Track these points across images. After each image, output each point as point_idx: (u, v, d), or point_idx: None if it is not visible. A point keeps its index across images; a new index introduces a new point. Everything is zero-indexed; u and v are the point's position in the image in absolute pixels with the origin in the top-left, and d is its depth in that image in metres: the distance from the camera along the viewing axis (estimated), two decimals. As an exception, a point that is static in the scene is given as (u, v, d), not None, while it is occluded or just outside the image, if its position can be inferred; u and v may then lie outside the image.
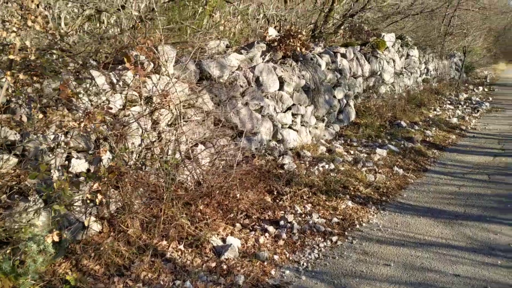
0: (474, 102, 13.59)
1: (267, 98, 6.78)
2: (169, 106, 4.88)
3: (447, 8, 20.09)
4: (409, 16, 14.97)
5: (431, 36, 15.93)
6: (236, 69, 6.36)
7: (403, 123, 9.25)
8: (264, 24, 8.41)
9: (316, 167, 6.48)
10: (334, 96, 8.60)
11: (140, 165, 4.63)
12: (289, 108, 7.17)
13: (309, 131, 7.73)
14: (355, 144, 7.85)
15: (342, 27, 10.08)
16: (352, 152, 7.37)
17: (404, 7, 15.21)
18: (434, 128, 9.43)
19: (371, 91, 10.31)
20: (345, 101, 8.97)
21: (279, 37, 6.90)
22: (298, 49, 6.81)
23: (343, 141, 7.98)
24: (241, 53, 6.57)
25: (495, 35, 37.23)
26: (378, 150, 7.30)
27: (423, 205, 5.45)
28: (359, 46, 10.31)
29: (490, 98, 14.86)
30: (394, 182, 6.18)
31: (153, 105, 4.82)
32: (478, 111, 12.27)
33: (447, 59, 19.01)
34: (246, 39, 7.37)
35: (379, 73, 10.75)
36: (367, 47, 10.72)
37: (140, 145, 4.65)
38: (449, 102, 13.37)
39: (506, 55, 39.76)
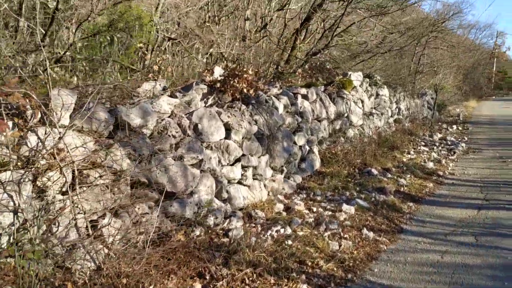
0: (449, 143, 12.79)
1: (210, 149, 5.65)
2: (60, 168, 3.68)
3: (416, 46, 19.91)
4: (377, 55, 14.45)
5: (401, 75, 15.35)
6: (169, 116, 5.26)
7: (374, 171, 8.22)
8: (213, 65, 7.41)
9: (270, 232, 5.30)
10: (295, 143, 7.55)
11: (11, 254, 3.37)
12: (238, 160, 6.05)
13: (264, 185, 6.59)
14: (319, 198, 6.72)
15: (302, 67, 9.18)
16: (314, 209, 6.23)
17: (372, 46, 14.70)
18: (408, 175, 8.43)
19: (337, 135, 9.33)
20: (307, 147, 7.93)
21: (223, 77, 5.86)
22: (245, 90, 5.76)
23: (305, 195, 6.85)
24: (176, 97, 5.48)
25: (464, 72, 37.73)
26: (345, 207, 6.18)
27: (399, 285, 4.28)
28: (323, 86, 9.41)
29: (466, 138, 14.14)
30: (363, 250, 5.02)
31: (37, 167, 3.62)
32: (454, 152, 11.42)
33: (419, 98, 18.48)
34: (186, 81, 6.31)
35: (346, 114, 9.83)
36: (332, 87, 9.86)
37: (13, 224, 3.41)
38: (423, 143, 12.53)
39: (476, 92, 40.20)
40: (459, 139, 13.86)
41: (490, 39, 52.03)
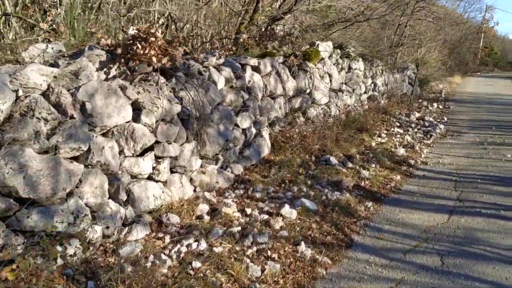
0: (427, 124, 11.61)
1: (107, 135, 4.32)
2: None
3: (400, 17, 18.50)
4: (354, 24, 13.04)
5: (380, 47, 13.99)
6: (44, 92, 3.88)
7: (333, 159, 6.99)
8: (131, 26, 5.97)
9: (179, 246, 4.08)
10: (237, 125, 6.25)
11: None
12: (150, 149, 4.74)
13: (190, 179, 5.31)
14: (258, 195, 5.49)
15: (248, 32, 7.74)
16: (248, 211, 5.00)
17: (350, 14, 13.27)
18: (373, 165, 7.23)
19: (296, 115, 8.04)
20: (254, 130, 6.63)
21: (128, 41, 4.45)
22: (154, 59, 4.38)
23: (242, 191, 5.60)
24: (57, 65, 4.08)
25: (450, 47, 36.48)
26: (286, 210, 4.96)
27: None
28: (281, 57, 8.04)
29: (445, 118, 12.98)
30: (292, 277, 3.82)
31: None
32: (431, 136, 10.25)
33: (399, 73, 17.20)
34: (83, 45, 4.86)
35: (308, 91, 8.52)
36: (295, 58, 8.48)
37: None
38: (398, 124, 11.34)
39: (461, 67, 39.11)
40: (438, 120, 12.71)
41: (479, 13, 50.66)
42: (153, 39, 4.22)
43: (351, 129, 9.14)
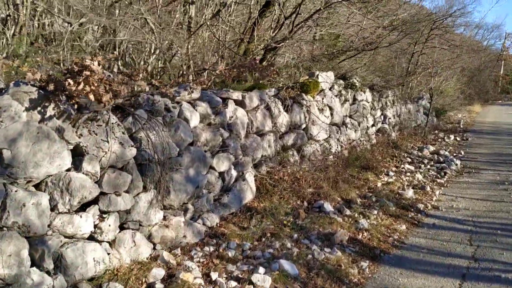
0: (441, 159, 10.62)
1: (38, 187, 3.59)
2: None
3: (414, 45, 17.78)
4: (362, 52, 12.34)
5: (389, 76, 13.17)
6: None
7: (328, 206, 6.10)
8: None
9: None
10: (213, 168, 5.45)
11: None
12: (94, 202, 3.97)
13: (149, 235, 4.50)
14: (230, 254, 4.62)
15: (223, 62, 7.02)
16: (214, 277, 4.13)
17: (358, 43, 12.62)
18: (375, 212, 6.30)
19: (289, 153, 7.21)
20: (234, 173, 5.82)
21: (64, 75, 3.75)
22: (91, 97, 3.65)
23: (213, 248, 4.75)
24: (-29, 105, 3.39)
25: (470, 75, 35.39)
26: (257, 277, 4.07)
27: None
28: (273, 89, 7.29)
29: (462, 152, 11.95)
30: None
31: None
32: (445, 173, 9.26)
33: (413, 103, 16.29)
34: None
35: (304, 126, 7.71)
36: (292, 90, 7.74)
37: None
38: (409, 160, 10.38)
39: (482, 96, 37.85)
40: (455, 154, 11.69)
41: (498, 40, 49.53)
42: (88, 73, 3.50)
43: (355, 167, 8.25)
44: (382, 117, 11.96)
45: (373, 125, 11.23)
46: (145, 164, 4.54)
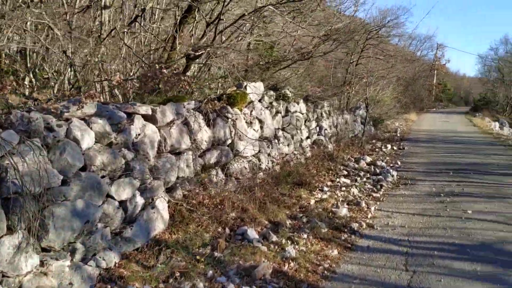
0: (378, 171, 10.31)
1: None
2: None
3: (351, 55, 17.80)
4: (297, 62, 11.96)
5: (325, 87, 12.86)
6: None
7: (251, 232, 5.41)
8: None
9: None
10: (111, 196, 4.60)
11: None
12: None
13: (20, 286, 3.58)
14: (126, 303, 3.79)
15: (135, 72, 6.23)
16: (98, 337, 3.28)
17: (292, 52, 12.25)
18: (305, 235, 5.69)
19: (212, 172, 6.47)
20: (140, 201, 4.98)
21: None
22: None
23: (105, 297, 3.90)
24: None
25: (405, 84, 36.52)
26: (152, 335, 3.28)
27: None
28: (193, 102, 6.55)
29: (399, 162, 11.77)
30: None
31: None
32: (381, 186, 8.91)
33: (351, 113, 16.15)
34: None
35: (229, 141, 7.01)
36: (218, 102, 7.05)
37: None
38: (345, 172, 9.97)
39: (417, 104, 39.18)
40: (391, 164, 11.48)
41: (431, 51, 51.87)
42: None
43: (287, 184, 7.66)
44: (317, 128, 11.55)
45: (308, 137, 10.77)
46: (14, 199, 3.63)
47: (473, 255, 5.24)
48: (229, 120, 7.10)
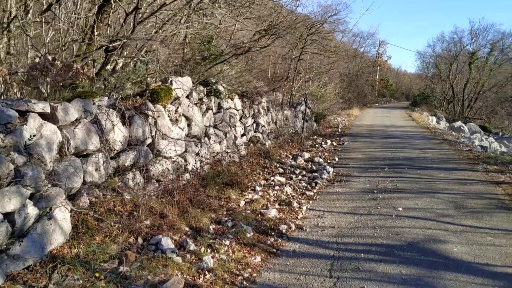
0: (314, 168, 10.12)
1: None
2: None
3: (293, 51, 17.64)
4: (232, 57, 11.56)
5: (259, 83, 12.54)
6: None
7: (166, 241, 4.92)
8: None
9: None
10: (-8, 209, 3.95)
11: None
12: None
13: None
14: (0, 337, 3.20)
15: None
16: None
17: (229, 48, 11.83)
18: (228, 242, 5.29)
19: (131, 174, 5.91)
20: (33, 211, 4.36)
21: None
22: None
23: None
24: None
25: (348, 80, 37.19)
26: None
27: None
28: (106, 98, 5.95)
29: (336, 158, 11.66)
30: None
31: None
32: (316, 184, 8.68)
33: (291, 109, 15.95)
34: None
35: (149, 141, 6.46)
36: (138, 98, 6.49)
37: None
38: (281, 170, 9.69)
39: (360, 99, 40.05)
40: (329, 161, 11.34)
41: (373, 47, 53.29)
42: None
43: (215, 185, 7.22)
44: (254, 125, 11.19)
45: (243, 135, 10.38)
46: None
47: (399, 257, 5.05)
48: (150, 117, 6.55)
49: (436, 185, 8.73)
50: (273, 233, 5.84)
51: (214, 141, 8.57)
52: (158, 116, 6.74)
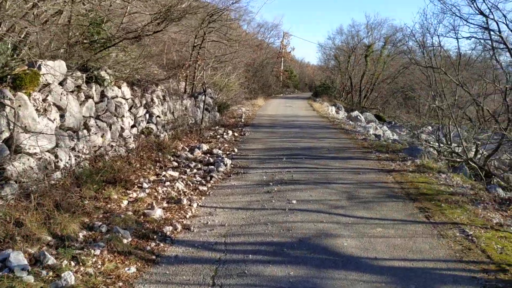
0: (212, 160, 9.62)
1: None
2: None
3: (195, 38, 16.95)
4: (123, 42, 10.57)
5: (153, 69, 11.72)
6: None
7: (17, 257, 4.06)
8: None
9: None
10: None
11: None
12: None
13: None
14: None
15: None
16: None
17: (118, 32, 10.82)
18: (99, 251, 4.56)
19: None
20: None
21: None
22: None
23: None
24: None
25: (254, 70, 37.32)
26: None
27: None
28: None
29: (236, 150, 11.29)
30: None
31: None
32: (211, 178, 8.19)
33: (191, 98, 15.26)
34: None
35: (5, 135, 5.45)
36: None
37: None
38: (176, 164, 9.04)
39: (265, 90, 40.47)
40: (228, 152, 10.93)
41: (277, 39, 54.14)
42: None
43: (93, 184, 6.38)
44: (147, 115, 10.36)
45: (133, 126, 9.53)
46: None
47: (288, 256, 4.73)
48: (7, 107, 5.53)
49: (331, 175, 8.72)
50: (155, 236, 5.22)
51: (96, 133, 7.65)
52: (20, 106, 5.72)
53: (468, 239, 5.36)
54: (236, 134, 14.54)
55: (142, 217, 5.79)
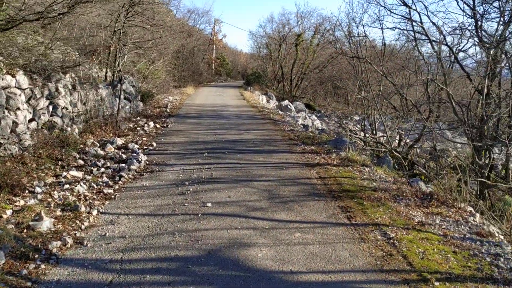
0: (125, 157, 8.76)
1: None
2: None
3: (115, 22, 15.71)
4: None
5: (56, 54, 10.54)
6: None
7: None
8: None
9: None
10: None
11: None
12: None
13: None
14: None
15: None
16: None
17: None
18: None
19: None
20: None
21: None
22: None
23: None
24: None
25: (183, 58, 36.08)
26: None
27: None
28: None
29: (154, 144, 10.47)
30: None
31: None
32: (121, 177, 7.37)
33: (109, 87, 14.09)
34: None
35: None
36: None
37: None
38: (81, 162, 8.09)
39: (196, 78, 39.37)
40: (145, 147, 10.09)
41: (208, 25, 52.94)
42: None
43: (-31, 192, 5.37)
44: (50, 107, 9.23)
45: (32, 120, 8.40)
46: None
47: (193, 275, 4.13)
48: None
49: (253, 171, 8.23)
50: (36, 255, 4.40)
51: (-22, 130, 6.55)
52: None
53: (389, 242, 5.08)
54: (158, 125, 13.67)
55: (25, 230, 4.91)
